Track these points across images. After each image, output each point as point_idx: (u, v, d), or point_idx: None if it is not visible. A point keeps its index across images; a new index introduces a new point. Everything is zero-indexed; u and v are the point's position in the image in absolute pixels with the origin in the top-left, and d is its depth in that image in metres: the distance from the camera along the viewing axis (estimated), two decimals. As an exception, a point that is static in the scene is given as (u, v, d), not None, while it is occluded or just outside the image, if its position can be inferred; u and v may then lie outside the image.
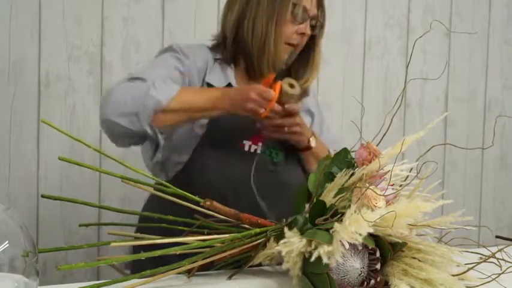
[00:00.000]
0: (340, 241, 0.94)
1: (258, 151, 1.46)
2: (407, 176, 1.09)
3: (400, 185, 1.07)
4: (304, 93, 1.57)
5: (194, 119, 1.43)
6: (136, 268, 1.13)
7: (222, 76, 1.50)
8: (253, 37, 1.47)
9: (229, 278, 1.11)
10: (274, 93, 1.35)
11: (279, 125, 1.42)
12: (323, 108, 1.74)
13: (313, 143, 1.49)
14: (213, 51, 1.54)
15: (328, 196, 1.06)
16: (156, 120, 1.37)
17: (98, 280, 1.06)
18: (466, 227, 1.05)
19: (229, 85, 1.48)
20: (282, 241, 1.01)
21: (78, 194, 1.89)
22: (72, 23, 1.90)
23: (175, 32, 2.02)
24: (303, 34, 1.50)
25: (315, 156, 1.50)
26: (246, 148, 1.46)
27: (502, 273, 1.05)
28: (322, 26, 1.57)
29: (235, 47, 1.50)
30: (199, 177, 1.44)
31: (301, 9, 1.49)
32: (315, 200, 1.05)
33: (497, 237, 1.47)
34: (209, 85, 1.48)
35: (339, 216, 1.00)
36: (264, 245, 1.09)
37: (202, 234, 1.11)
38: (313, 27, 1.53)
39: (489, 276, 1.05)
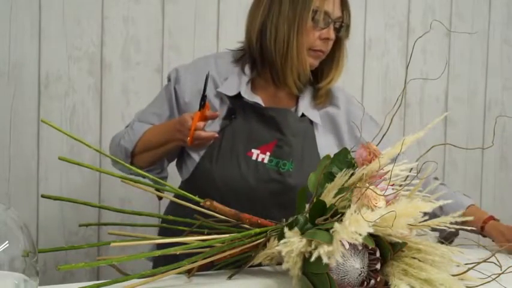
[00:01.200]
0: (340, 241, 0.94)
1: (266, 161, 1.44)
2: (408, 176, 1.09)
3: (400, 185, 1.07)
4: (326, 97, 1.54)
5: (161, 155, 1.48)
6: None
7: (235, 85, 1.49)
8: (276, 45, 1.45)
9: (229, 278, 1.11)
10: (192, 122, 1.36)
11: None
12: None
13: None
14: (234, 58, 1.54)
15: (328, 196, 1.06)
16: (136, 162, 1.51)
17: (98, 280, 1.06)
18: (466, 227, 1.06)
19: (238, 94, 1.47)
20: (282, 241, 1.01)
21: (78, 194, 1.89)
22: (72, 23, 1.90)
23: (175, 32, 2.02)
24: (326, 39, 1.47)
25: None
26: (254, 157, 1.44)
27: (502, 273, 1.05)
28: (347, 27, 1.54)
29: (259, 55, 1.49)
30: (205, 185, 1.44)
31: (323, 15, 1.45)
32: (315, 200, 1.05)
33: None
34: (223, 94, 1.48)
35: (339, 216, 1.00)
36: (264, 245, 1.09)
37: (202, 234, 1.11)
38: (337, 29, 1.50)
39: (489, 276, 1.05)
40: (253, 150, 1.44)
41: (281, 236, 1.03)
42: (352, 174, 1.07)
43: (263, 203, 1.39)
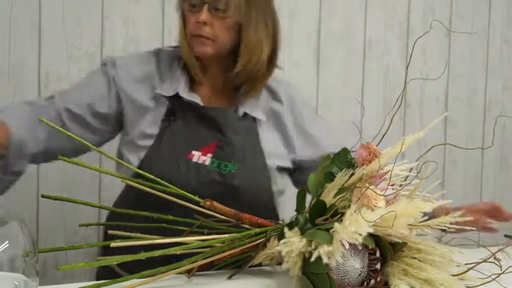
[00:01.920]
0: (340, 241, 0.94)
1: (207, 162, 1.39)
2: (408, 176, 1.09)
3: (400, 185, 1.07)
4: (257, 79, 1.45)
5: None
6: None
7: (174, 85, 1.44)
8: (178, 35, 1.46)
9: (229, 278, 1.11)
10: None
11: None
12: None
13: None
14: (175, 56, 1.50)
15: (328, 196, 1.06)
16: None
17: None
18: (466, 227, 1.06)
19: (177, 94, 1.42)
20: (282, 241, 1.01)
21: (78, 194, 1.89)
22: (72, 23, 1.90)
23: (175, 32, 2.02)
24: (199, 23, 1.39)
25: None
26: (195, 159, 1.40)
27: (502, 273, 1.05)
28: (236, 8, 1.39)
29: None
30: (147, 195, 1.35)
31: None
32: (315, 200, 1.05)
33: (505, 236, 1.47)
34: (160, 95, 1.43)
35: (339, 216, 1.00)
36: (264, 245, 1.09)
37: (202, 234, 1.11)
38: (219, 10, 1.38)
39: (489, 276, 1.05)
40: (193, 152, 1.39)
41: (281, 236, 1.03)
42: (352, 174, 1.07)
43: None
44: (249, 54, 1.42)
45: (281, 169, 1.49)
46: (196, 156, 1.40)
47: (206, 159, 1.40)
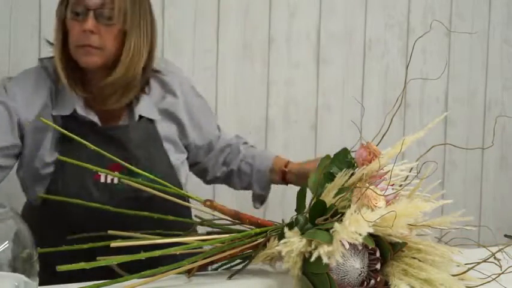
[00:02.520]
0: (340, 241, 0.94)
1: (115, 181, 1.34)
2: (407, 176, 1.09)
3: (400, 185, 1.07)
4: (131, 87, 1.38)
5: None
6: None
7: (70, 102, 1.36)
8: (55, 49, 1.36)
9: (229, 278, 1.11)
10: None
11: None
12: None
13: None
14: None
15: (328, 196, 1.06)
16: None
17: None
18: (466, 227, 1.06)
19: (74, 111, 1.35)
20: (282, 241, 1.01)
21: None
22: (72, 23, 1.90)
23: (175, 32, 2.02)
24: (89, 31, 1.30)
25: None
26: (102, 179, 1.34)
27: (502, 273, 1.05)
28: (121, 15, 1.33)
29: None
30: (60, 216, 1.34)
31: (73, 4, 1.31)
32: (315, 200, 1.05)
33: (505, 236, 1.47)
34: (57, 117, 1.36)
35: (339, 216, 1.00)
36: (264, 245, 1.09)
37: (202, 234, 1.11)
38: (106, 17, 1.32)
39: (489, 276, 1.05)
40: (100, 173, 1.32)
41: (281, 236, 1.03)
42: (352, 174, 1.07)
43: (129, 221, 1.24)
44: (130, 63, 1.35)
45: (183, 162, 1.48)
46: (103, 176, 1.34)
47: (114, 178, 1.34)
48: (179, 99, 1.47)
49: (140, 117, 1.40)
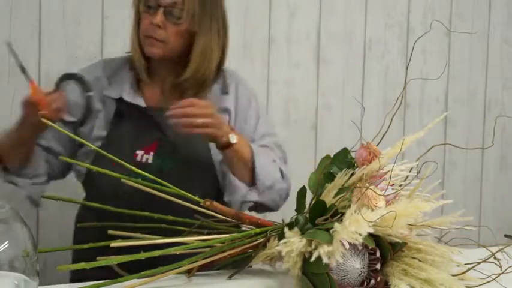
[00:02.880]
0: (340, 241, 0.94)
1: (149, 161, 1.43)
2: (407, 176, 1.09)
3: (400, 185, 1.07)
4: (204, 86, 1.49)
5: (20, 148, 1.42)
6: None
7: (119, 88, 1.49)
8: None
9: (229, 278, 1.11)
10: (32, 92, 1.32)
11: (188, 115, 1.35)
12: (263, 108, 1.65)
13: (233, 140, 1.39)
14: (122, 61, 1.55)
15: (328, 196, 1.06)
16: (7, 164, 1.46)
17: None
18: (466, 227, 1.06)
19: (120, 99, 1.48)
20: (282, 241, 1.01)
21: (78, 194, 1.89)
22: (72, 23, 1.90)
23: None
24: (157, 25, 1.42)
25: (239, 156, 1.42)
26: (139, 158, 1.43)
27: (502, 273, 1.05)
28: (191, 17, 1.43)
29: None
30: (95, 190, 1.45)
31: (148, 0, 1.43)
32: (315, 200, 1.05)
33: (505, 236, 1.47)
34: (107, 97, 1.49)
35: (339, 216, 1.00)
36: (264, 245, 1.09)
37: (202, 234, 1.11)
38: (173, 15, 1.42)
39: (489, 276, 1.05)
40: (137, 152, 1.43)
41: (281, 236, 1.03)
42: (352, 174, 1.07)
43: (154, 203, 1.24)
44: (200, 62, 1.46)
45: None
46: (140, 155, 1.43)
47: (149, 157, 1.43)
48: (232, 101, 1.53)
49: None
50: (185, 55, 1.47)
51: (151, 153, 1.43)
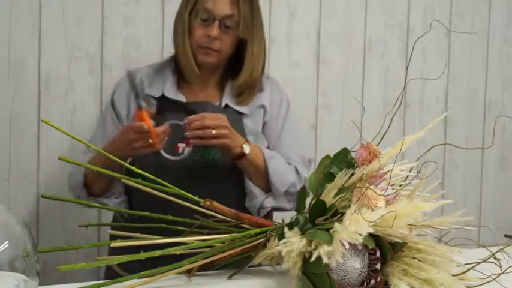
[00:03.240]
0: (340, 241, 0.94)
1: (188, 152, 1.49)
2: (407, 176, 1.09)
3: (400, 185, 1.07)
4: (249, 94, 1.59)
5: (108, 176, 1.40)
6: None
7: (160, 87, 1.58)
8: (174, 43, 1.58)
9: (229, 278, 1.11)
10: (146, 123, 1.38)
11: (203, 128, 1.42)
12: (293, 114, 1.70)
13: (246, 150, 1.47)
14: (160, 65, 1.65)
15: (328, 196, 1.06)
16: (92, 193, 1.53)
17: (98, 280, 1.06)
18: (466, 227, 1.06)
19: (162, 96, 1.56)
20: (282, 241, 1.01)
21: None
22: (72, 23, 1.90)
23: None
24: (213, 37, 1.51)
25: (253, 165, 1.50)
26: (180, 150, 1.50)
27: (502, 273, 1.05)
28: (245, 26, 1.54)
29: (175, 56, 1.60)
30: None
31: (204, 12, 1.51)
32: (315, 200, 1.05)
33: (505, 236, 1.47)
34: (149, 96, 1.57)
35: (339, 216, 1.00)
36: (264, 245, 1.09)
37: (202, 234, 1.11)
38: (227, 27, 1.52)
39: (489, 276, 1.05)
40: (179, 144, 1.49)
41: (281, 236, 1.03)
42: (352, 174, 1.07)
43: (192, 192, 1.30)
44: (253, 66, 1.57)
45: None
46: (181, 147, 1.49)
47: (189, 149, 1.48)
48: (268, 102, 1.63)
49: (227, 106, 1.58)
50: (230, 59, 1.59)
51: (180, 149, 1.49)
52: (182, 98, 1.57)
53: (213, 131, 1.42)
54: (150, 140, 1.38)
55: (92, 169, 1.17)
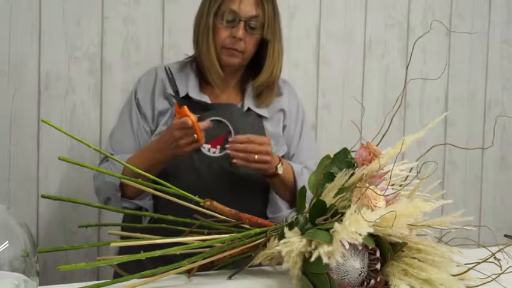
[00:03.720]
0: (340, 241, 0.94)
1: (217, 153, 1.52)
2: (407, 176, 1.09)
3: (400, 185, 1.07)
4: (268, 95, 1.60)
5: (149, 178, 1.44)
6: None
7: (183, 87, 1.58)
8: (196, 45, 1.58)
9: (229, 278, 1.11)
10: (189, 118, 1.39)
11: (246, 152, 1.43)
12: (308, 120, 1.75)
13: (280, 171, 1.50)
14: (181, 65, 1.65)
15: (328, 196, 1.06)
16: (126, 195, 1.51)
17: (98, 280, 1.06)
18: (466, 227, 1.06)
19: (186, 96, 1.57)
20: (282, 241, 1.01)
21: (78, 194, 1.89)
22: (72, 23, 1.90)
23: (175, 32, 2.02)
24: (234, 37, 1.53)
25: (284, 183, 1.53)
26: (205, 151, 1.51)
27: (502, 273, 1.05)
28: (268, 27, 1.56)
29: (195, 57, 1.61)
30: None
31: (229, 14, 1.52)
32: (315, 200, 1.05)
33: (505, 236, 1.47)
34: (172, 96, 1.58)
35: (339, 216, 1.00)
36: (264, 245, 1.09)
37: (202, 234, 1.11)
38: (252, 28, 1.54)
39: (489, 276, 1.05)
40: (204, 145, 1.49)
41: (281, 236, 1.03)
42: (352, 174, 1.07)
43: (217, 195, 1.32)
44: (274, 67, 1.59)
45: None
46: (207, 148, 1.51)
47: (216, 150, 1.51)
48: (287, 107, 1.65)
49: (249, 109, 1.59)
50: (251, 60, 1.59)
51: (218, 146, 1.51)
52: (206, 99, 1.57)
53: (256, 156, 1.43)
54: (195, 136, 1.39)
55: (92, 169, 1.17)
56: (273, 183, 1.54)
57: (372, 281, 0.97)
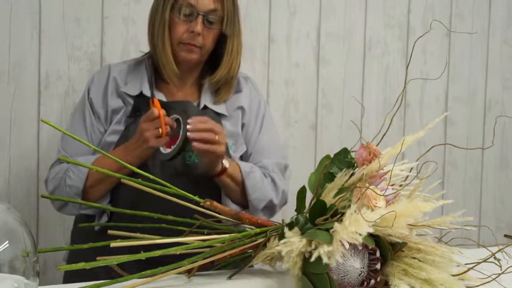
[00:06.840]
0: (340, 241, 0.94)
1: (170, 153, 1.45)
2: (407, 176, 1.09)
3: (400, 185, 1.07)
4: (227, 92, 1.57)
5: (116, 181, 1.43)
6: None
7: (137, 85, 1.54)
8: (151, 40, 1.53)
9: (229, 278, 1.11)
10: (157, 110, 1.38)
11: (209, 131, 1.38)
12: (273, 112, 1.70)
13: (226, 164, 1.45)
14: (135, 62, 1.61)
15: (328, 196, 1.06)
16: (88, 198, 1.45)
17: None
18: (466, 227, 1.06)
19: (140, 94, 1.52)
20: (282, 241, 1.01)
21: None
22: (72, 23, 1.90)
23: (175, 32, 2.02)
24: (192, 32, 1.48)
25: (231, 180, 1.48)
26: (162, 150, 1.45)
27: (502, 273, 1.05)
28: (227, 21, 1.51)
29: (151, 54, 1.57)
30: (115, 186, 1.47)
31: (186, 8, 1.48)
32: (315, 200, 1.05)
33: (505, 236, 1.47)
34: (126, 94, 1.54)
35: (339, 216, 1.00)
36: (264, 245, 1.09)
37: (202, 234, 1.11)
38: (210, 22, 1.50)
39: (489, 276, 1.05)
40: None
41: (281, 236, 1.03)
42: (352, 174, 1.07)
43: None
44: (231, 62, 1.54)
45: (240, 157, 1.59)
46: (162, 148, 1.44)
47: (170, 150, 1.44)
48: (247, 104, 1.60)
49: (206, 107, 1.55)
50: (209, 56, 1.55)
51: (173, 146, 1.44)
52: (162, 97, 1.53)
53: (216, 136, 1.38)
54: (160, 130, 1.37)
55: (92, 169, 1.17)
56: (222, 183, 1.48)
57: (372, 281, 0.97)
